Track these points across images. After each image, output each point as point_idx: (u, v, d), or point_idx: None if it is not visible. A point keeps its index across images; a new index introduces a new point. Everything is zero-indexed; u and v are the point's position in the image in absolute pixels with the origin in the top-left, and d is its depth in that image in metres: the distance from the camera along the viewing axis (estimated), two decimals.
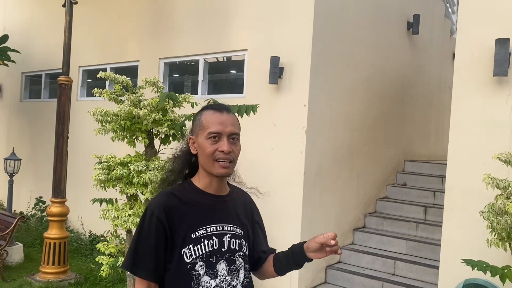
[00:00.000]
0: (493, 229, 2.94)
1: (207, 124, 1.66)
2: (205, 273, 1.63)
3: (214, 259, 1.65)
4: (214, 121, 1.66)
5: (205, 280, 1.63)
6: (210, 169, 1.67)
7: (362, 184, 6.46)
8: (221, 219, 1.71)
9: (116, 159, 3.98)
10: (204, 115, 1.70)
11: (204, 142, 1.65)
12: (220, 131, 1.65)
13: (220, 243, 1.67)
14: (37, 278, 5.86)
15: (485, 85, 4.11)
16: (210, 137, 1.64)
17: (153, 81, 4.08)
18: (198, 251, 1.63)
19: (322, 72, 5.56)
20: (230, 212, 1.76)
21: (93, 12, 8.11)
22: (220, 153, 1.64)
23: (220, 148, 1.64)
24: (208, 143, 1.64)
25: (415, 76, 7.72)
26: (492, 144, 3.96)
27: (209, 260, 1.64)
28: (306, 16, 5.39)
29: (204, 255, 1.64)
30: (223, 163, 1.65)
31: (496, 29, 4.03)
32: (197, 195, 1.71)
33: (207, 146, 1.64)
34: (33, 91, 9.90)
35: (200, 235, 1.65)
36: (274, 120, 5.60)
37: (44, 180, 8.34)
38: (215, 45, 6.34)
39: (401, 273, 5.54)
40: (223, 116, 1.68)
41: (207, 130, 1.65)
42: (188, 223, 1.64)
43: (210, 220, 1.68)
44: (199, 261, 1.63)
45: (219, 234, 1.68)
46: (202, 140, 1.66)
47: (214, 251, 1.66)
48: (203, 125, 1.67)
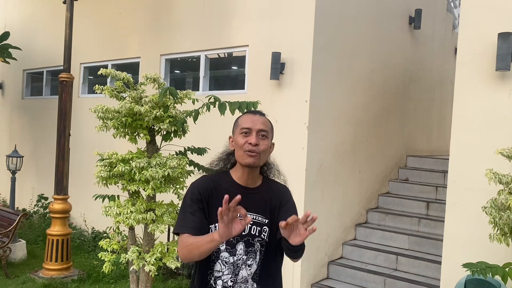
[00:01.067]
0: (496, 224, 2.93)
1: (241, 123, 2.03)
2: (225, 249, 1.96)
3: (234, 240, 1.96)
4: (246, 120, 2.02)
5: (224, 256, 1.96)
6: (240, 159, 1.99)
7: (364, 179, 6.45)
8: (246, 208, 1.80)
9: (117, 156, 3.98)
10: (241, 117, 2.07)
11: (237, 137, 2.00)
12: (250, 127, 1.98)
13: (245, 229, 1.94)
14: (40, 275, 5.88)
15: (488, 80, 4.09)
16: (242, 132, 1.99)
17: (154, 77, 4.07)
18: None
19: (324, 68, 5.54)
20: (255, 202, 2.03)
21: (94, 9, 8.09)
22: (248, 145, 1.95)
23: (249, 140, 1.96)
24: (240, 137, 1.98)
25: (417, 71, 7.69)
26: (494, 139, 3.95)
27: (230, 240, 1.90)
28: (308, 11, 5.37)
29: None
30: (250, 153, 1.96)
31: (499, 24, 4.01)
32: (229, 184, 2.02)
33: (239, 139, 1.98)
34: (35, 88, 9.91)
35: None
36: (276, 116, 5.58)
37: (47, 177, 8.37)
38: (216, 41, 6.33)
39: (403, 268, 5.54)
40: (255, 116, 2.04)
41: (240, 126, 2.01)
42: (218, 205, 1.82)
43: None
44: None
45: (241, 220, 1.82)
46: (236, 136, 2.01)
47: (239, 235, 1.89)
48: (238, 124, 2.04)
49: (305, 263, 5.40)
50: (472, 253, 3.94)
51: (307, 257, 5.42)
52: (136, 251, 3.85)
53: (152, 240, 4.05)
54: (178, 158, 3.99)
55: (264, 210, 2.04)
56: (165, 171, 3.77)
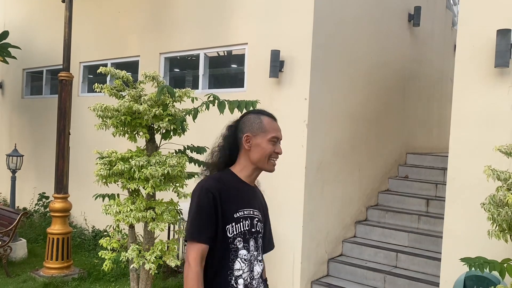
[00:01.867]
0: (494, 220, 2.93)
1: (270, 129, 2.03)
2: (243, 247, 1.98)
3: (250, 236, 2.01)
4: (275, 128, 2.06)
5: (243, 253, 1.98)
6: (263, 165, 2.04)
7: (364, 177, 6.46)
8: (253, 205, 2.06)
9: (117, 155, 3.99)
10: (264, 120, 2.05)
11: (265, 143, 2.01)
12: (279, 137, 2.06)
13: (251, 224, 2.02)
14: (41, 274, 5.90)
15: (487, 77, 4.09)
16: (272, 140, 2.02)
17: (153, 75, 4.08)
18: (238, 229, 1.97)
19: (323, 65, 5.54)
20: (256, 200, 2.11)
21: (93, 8, 8.09)
22: (275, 154, 2.05)
23: (277, 150, 2.05)
24: (269, 145, 2.01)
25: (417, 68, 7.69)
26: (493, 135, 3.95)
27: (246, 237, 1.99)
28: (307, 9, 5.36)
29: (242, 233, 1.98)
30: (274, 161, 2.06)
31: (498, 20, 4.01)
32: (238, 183, 2.03)
33: (268, 147, 2.01)
34: (35, 87, 9.92)
35: (240, 215, 1.98)
36: (275, 114, 5.53)
37: (47, 176, 8.38)
38: (215, 39, 6.33)
39: (403, 265, 5.55)
40: (278, 124, 2.10)
41: (270, 134, 2.02)
42: (232, 205, 1.97)
43: (247, 205, 2.03)
44: (238, 237, 1.96)
45: (251, 217, 2.03)
46: (262, 141, 2.01)
47: (249, 230, 2.00)
48: (265, 128, 2.03)
49: (305, 261, 5.41)
50: (471, 250, 3.95)
51: (307, 255, 5.43)
52: (136, 250, 3.86)
53: (152, 238, 4.06)
54: (177, 156, 4.00)
55: (260, 208, 2.13)
56: (165, 169, 3.78)
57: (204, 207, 1.91)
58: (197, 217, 1.92)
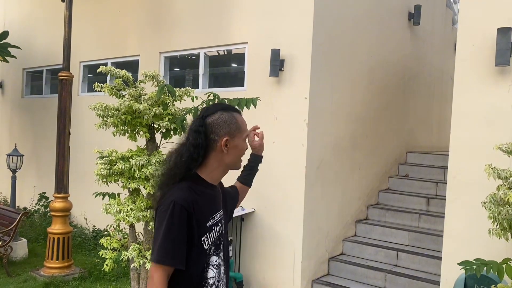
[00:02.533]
0: (495, 219, 2.93)
1: (244, 127, 1.91)
2: (213, 253, 1.86)
3: (219, 241, 1.90)
4: (245, 123, 1.93)
5: (214, 260, 1.86)
6: (236, 164, 1.93)
7: (364, 176, 6.46)
8: (219, 206, 1.95)
9: (117, 154, 3.98)
10: (238, 118, 1.90)
11: (242, 143, 1.90)
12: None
13: (222, 227, 1.93)
14: (42, 273, 5.90)
15: (487, 75, 4.08)
16: (246, 138, 1.93)
17: (153, 74, 4.07)
18: (211, 238, 1.84)
19: (323, 64, 5.54)
20: (220, 197, 1.99)
21: (93, 7, 8.09)
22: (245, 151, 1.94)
23: (247, 146, 1.97)
24: (244, 143, 1.92)
25: (417, 67, 7.68)
26: (494, 134, 3.95)
27: (217, 243, 1.88)
28: (307, 7, 5.36)
29: (215, 240, 1.87)
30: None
31: (498, 19, 4.00)
32: (206, 188, 1.88)
33: (244, 145, 1.92)
34: (35, 87, 9.91)
35: (212, 223, 1.85)
36: (275, 113, 5.59)
37: (47, 176, 8.38)
38: (215, 38, 6.32)
39: (404, 264, 5.55)
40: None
41: (245, 132, 1.92)
42: (204, 215, 1.83)
43: (215, 209, 1.90)
44: (212, 245, 1.85)
45: (220, 219, 1.92)
46: (240, 141, 1.89)
47: (220, 234, 1.90)
48: (241, 128, 1.89)
49: (306, 260, 5.41)
50: (472, 249, 3.95)
51: (308, 254, 5.43)
52: (137, 249, 3.86)
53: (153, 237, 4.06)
54: None
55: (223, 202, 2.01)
56: None
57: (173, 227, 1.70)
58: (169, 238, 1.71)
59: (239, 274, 5.54)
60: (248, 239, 5.83)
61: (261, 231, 5.69)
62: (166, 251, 1.70)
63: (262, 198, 5.67)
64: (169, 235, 1.71)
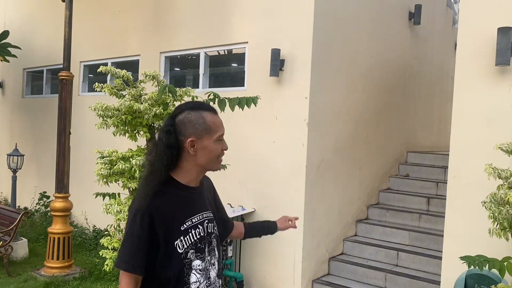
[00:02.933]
0: (495, 219, 2.93)
1: (215, 128, 1.79)
2: (196, 257, 1.80)
3: (202, 244, 1.83)
4: (218, 124, 1.81)
5: (197, 264, 1.80)
6: (212, 166, 1.84)
7: (365, 175, 6.46)
8: (200, 208, 1.88)
9: (118, 154, 3.99)
10: (207, 118, 1.79)
11: (212, 144, 1.79)
12: (223, 133, 1.83)
13: (203, 229, 1.85)
14: (42, 273, 5.90)
15: (487, 75, 4.08)
16: (219, 139, 1.81)
17: (153, 74, 4.08)
18: (188, 241, 1.78)
19: (323, 64, 5.54)
20: (204, 199, 1.93)
21: (93, 7, 8.09)
22: (222, 152, 1.84)
23: (224, 147, 1.83)
24: (217, 145, 1.80)
25: (417, 67, 7.68)
26: (494, 134, 3.95)
27: (198, 246, 1.81)
28: (307, 7, 5.36)
29: (194, 243, 1.80)
30: (221, 159, 1.86)
31: (498, 18, 4.00)
32: (181, 190, 1.82)
33: (217, 147, 1.80)
34: (35, 87, 9.92)
35: (188, 226, 1.79)
36: (276, 113, 5.59)
37: (47, 176, 8.38)
38: (215, 38, 6.32)
39: (404, 264, 5.55)
40: (220, 118, 1.84)
41: (217, 133, 1.79)
42: (176, 218, 1.78)
43: (194, 211, 1.84)
44: (190, 249, 1.78)
45: (201, 221, 1.86)
46: (209, 143, 1.78)
47: (202, 237, 1.83)
48: (210, 128, 1.78)
49: (306, 260, 5.41)
50: (472, 248, 3.94)
51: (308, 253, 5.43)
52: None
53: None
54: None
55: (209, 205, 1.96)
56: None
57: (133, 235, 1.71)
58: (126, 245, 1.74)
59: (240, 273, 5.54)
60: (248, 239, 5.82)
61: None
62: (122, 258, 1.73)
63: (262, 197, 5.67)
64: (126, 243, 1.74)
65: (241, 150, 5.72)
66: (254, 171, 5.73)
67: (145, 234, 1.70)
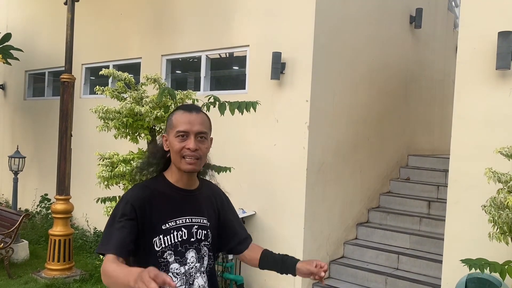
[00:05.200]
0: (495, 223, 2.93)
1: (176, 124, 1.79)
2: (174, 260, 1.78)
3: (183, 248, 1.80)
4: (182, 120, 1.79)
5: (175, 267, 1.78)
6: (178, 165, 1.80)
7: (366, 179, 6.46)
8: (190, 212, 1.86)
9: (119, 157, 4.00)
10: (175, 115, 1.83)
11: (173, 140, 1.79)
12: (188, 130, 1.77)
13: (189, 234, 1.82)
14: (43, 275, 5.90)
15: (488, 79, 4.08)
16: (178, 135, 1.77)
17: (154, 77, 4.09)
18: (167, 241, 1.77)
19: (324, 67, 5.55)
20: (198, 204, 1.89)
21: (95, 10, 8.12)
22: (187, 150, 1.77)
23: (187, 145, 1.76)
24: (176, 141, 1.78)
25: (418, 70, 7.68)
26: (494, 138, 3.95)
27: (178, 249, 1.79)
28: (308, 11, 5.37)
29: (173, 245, 1.78)
30: (190, 159, 1.78)
31: (499, 22, 4.01)
32: (169, 189, 1.84)
33: (175, 143, 1.78)
34: (37, 89, 9.94)
35: (170, 226, 1.78)
36: (277, 115, 5.60)
37: (49, 178, 8.39)
38: (217, 41, 6.34)
39: (405, 267, 5.54)
40: (192, 116, 1.80)
41: (175, 129, 1.79)
42: (159, 215, 1.78)
43: (180, 213, 1.82)
44: (168, 250, 1.77)
45: (188, 225, 1.83)
46: (171, 138, 1.80)
47: (184, 241, 1.81)
48: (172, 124, 1.81)
49: None
50: (473, 252, 3.94)
51: (308, 257, 5.43)
52: None
53: None
54: None
55: (206, 212, 1.91)
56: None
57: (117, 219, 1.71)
58: (107, 228, 1.74)
59: (240, 277, 5.54)
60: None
61: (262, 233, 5.69)
62: (104, 239, 1.71)
63: (263, 200, 5.67)
64: (110, 226, 1.73)
65: (242, 152, 5.73)
66: (255, 174, 5.73)
67: (126, 218, 1.70)
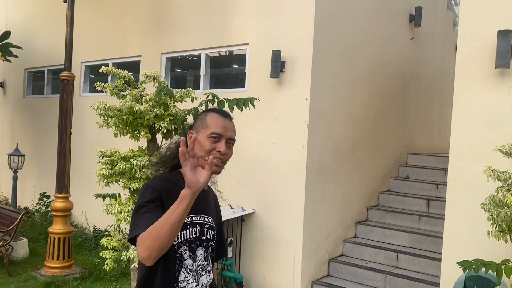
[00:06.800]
0: (494, 221, 2.94)
1: (211, 125, 1.83)
2: (188, 256, 1.81)
3: (195, 245, 1.83)
4: (218, 123, 1.83)
5: (188, 263, 1.81)
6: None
7: (365, 177, 6.46)
8: (203, 211, 1.89)
9: (119, 154, 4.00)
10: (210, 116, 1.87)
11: (204, 140, 1.81)
12: (222, 134, 1.82)
13: (201, 232, 1.85)
14: (42, 273, 5.91)
15: (487, 77, 4.09)
16: (211, 136, 1.81)
17: (154, 75, 4.09)
18: (183, 236, 1.79)
19: (324, 66, 5.55)
20: (208, 205, 1.95)
21: (94, 8, 8.11)
22: (217, 153, 1.80)
23: (218, 148, 1.80)
24: (208, 141, 1.81)
25: (418, 69, 7.69)
26: (494, 136, 3.96)
27: (192, 245, 1.82)
28: (308, 9, 5.37)
29: (188, 240, 1.81)
30: (217, 161, 1.80)
31: (498, 21, 4.02)
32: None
33: (207, 143, 1.80)
34: (36, 87, 9.93)
35: (187, 222, 1.79)
36: (276, 114, 5.61)
37: (48, 176, 8.39)
38: (216, 39, 6.34)
39: (404, 265, 5.56)
40: (227, 121, 1.86)
41: (210, 129, 1.82)
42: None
43: (195, 210, 1.81)
44: (183, 245, 1.79)
45: (201, 223, 1.86)
46: (203, 137, 1.81)
47: (196, 238, 1.83)
48: (207, 124, 1.84)
49: (306, 261, 5.41)
50: (472, 250, 3.95)
51: (308, 255, 5.44)
52: None
53: None
54: None
55: (213, 214, 1.96)
56: None
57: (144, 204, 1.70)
58: (135, 215, 1.72)
59: (239, 274, 5.55)
60: (248, 240, 5.84)
61: (261, 232, 5.70)
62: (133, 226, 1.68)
63: (262, 199, 5.68)
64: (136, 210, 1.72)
65: (241, 151, 5.71)
66: (254, 172, 5.74)
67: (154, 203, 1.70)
